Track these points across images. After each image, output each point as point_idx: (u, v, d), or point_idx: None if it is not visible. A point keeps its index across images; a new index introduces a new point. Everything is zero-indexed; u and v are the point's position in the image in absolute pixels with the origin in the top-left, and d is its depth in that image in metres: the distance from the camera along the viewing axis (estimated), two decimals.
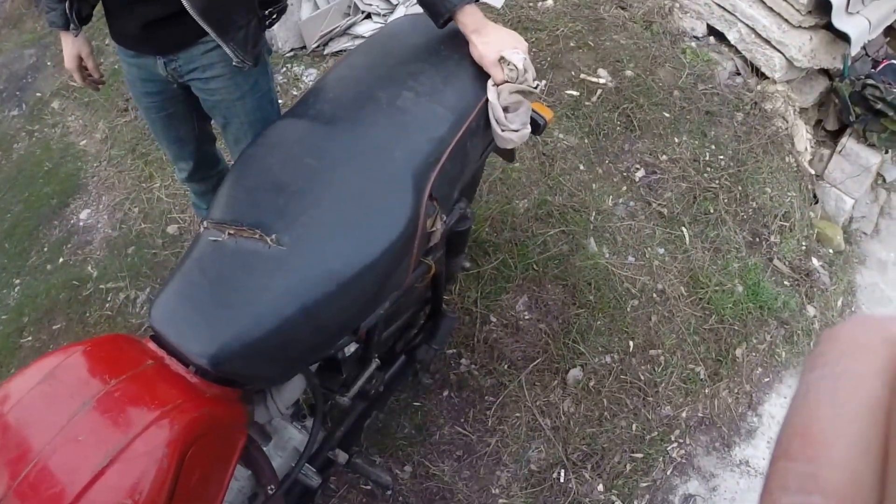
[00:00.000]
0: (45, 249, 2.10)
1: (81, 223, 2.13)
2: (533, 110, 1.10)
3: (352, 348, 1.12)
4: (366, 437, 1.50)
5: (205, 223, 0.91)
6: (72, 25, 1.20)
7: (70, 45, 1.25)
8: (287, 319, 0.83)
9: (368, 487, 1.46)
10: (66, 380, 0.73)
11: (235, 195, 0.94)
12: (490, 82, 1.04)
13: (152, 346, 0.81)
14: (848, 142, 2.11)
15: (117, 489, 0.66)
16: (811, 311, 1.89)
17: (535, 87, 1.03)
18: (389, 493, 1.45)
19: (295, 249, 0.87)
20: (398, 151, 0.97)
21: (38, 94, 2.60)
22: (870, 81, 2.03)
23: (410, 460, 1.51)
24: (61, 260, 2.04)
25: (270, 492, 0.92)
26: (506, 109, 1.04)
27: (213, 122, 1.37)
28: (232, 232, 0.88)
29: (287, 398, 1.05)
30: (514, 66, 0.99)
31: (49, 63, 2.69)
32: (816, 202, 2.16)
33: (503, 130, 1.04)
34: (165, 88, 1.25)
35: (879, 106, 1.99)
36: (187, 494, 0.71)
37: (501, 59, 1.00)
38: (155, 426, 0.69)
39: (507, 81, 1.01)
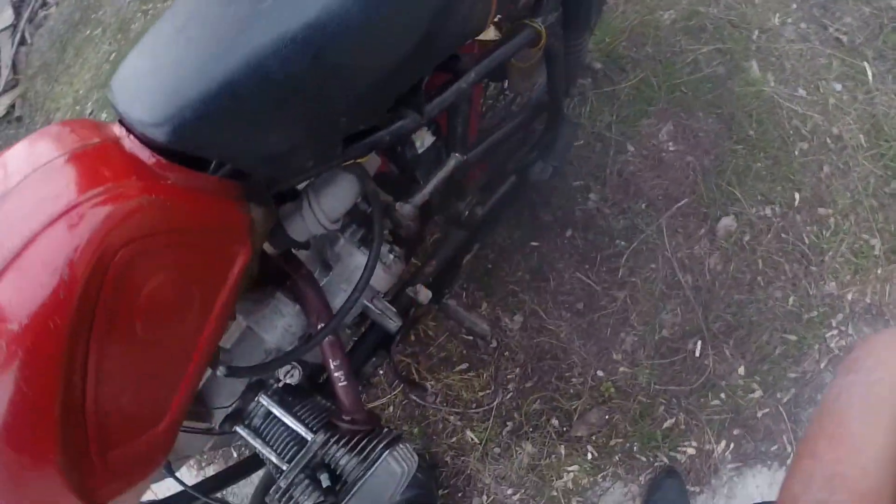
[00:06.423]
0: None
1: None
2: None
3: (427, 140, 0.81)
4: (469, 278, 1.24)
5: None
6: None
7: None
8: (284, 61, 0.54)
9: (471, 338, 1.21)
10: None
11: None
12: None
13: (115, 127, 0.57)
14: None
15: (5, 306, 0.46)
16: None
17: None
18: (494, 345, 1.20)
19: None
20: None
21: None
22: None
23: (522, 309, 1.25)
24: None
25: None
26: None
27: None
28: None
29: (332, 205, 0.74)
30: None
31: None
32: None
33: None
34: None
35: None
36: (126, 317, 0.50)
37: None
38: (62, 220, 0.48)
39: None
